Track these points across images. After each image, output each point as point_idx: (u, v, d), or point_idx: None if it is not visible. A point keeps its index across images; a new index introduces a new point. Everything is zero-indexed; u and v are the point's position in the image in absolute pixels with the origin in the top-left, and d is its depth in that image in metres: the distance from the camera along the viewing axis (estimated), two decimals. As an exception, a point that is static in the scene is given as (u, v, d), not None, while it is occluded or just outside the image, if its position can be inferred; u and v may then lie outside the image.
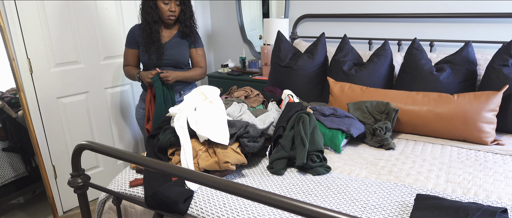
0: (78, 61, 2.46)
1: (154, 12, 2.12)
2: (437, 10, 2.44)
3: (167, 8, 2.13)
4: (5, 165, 2.41)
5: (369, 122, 1.93)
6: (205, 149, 1.52)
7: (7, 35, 2.07)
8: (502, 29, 2.28)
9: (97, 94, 2.61)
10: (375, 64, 2.28)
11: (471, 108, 1.82)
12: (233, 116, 1.67)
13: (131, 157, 1.15)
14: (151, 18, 2.12)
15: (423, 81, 2.09)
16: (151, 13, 2.12)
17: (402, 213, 1.23)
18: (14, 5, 2.11)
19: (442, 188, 1.40)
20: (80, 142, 1.25)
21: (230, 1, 3.37)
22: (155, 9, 2.12)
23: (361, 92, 2.11)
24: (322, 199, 1.33)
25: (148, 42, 2.16)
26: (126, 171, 1.61)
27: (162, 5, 2.12)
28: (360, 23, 2.75)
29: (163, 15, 2.14)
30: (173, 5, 2.13)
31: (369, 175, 1.53)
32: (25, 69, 2.21)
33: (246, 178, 1.51)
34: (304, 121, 1.64)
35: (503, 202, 1.28)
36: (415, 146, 1.83)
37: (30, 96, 2.26)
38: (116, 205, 1.39)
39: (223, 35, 3.53)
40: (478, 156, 1.69)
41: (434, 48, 2.52)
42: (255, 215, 1.22)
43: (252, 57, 3.43)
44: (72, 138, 2.51)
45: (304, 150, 1.52)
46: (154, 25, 2.14)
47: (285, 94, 2.10)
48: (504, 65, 1.95)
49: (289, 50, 2.57)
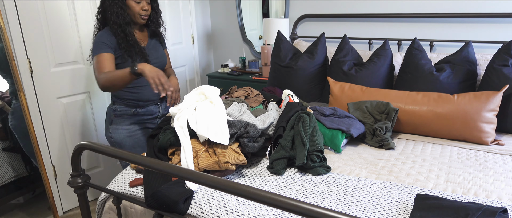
0: (78, 61, 2.46)
1: (125, 13, 1.88)
2: (437, 10, 2.44)
3: (139, 7, 1.90)
4: (5, 165, 2.41)
5: (369, 122, 1.93)
6: (205, 149, 1.52)
7: (7, 35, 2.07)
8: (502, 29, 2.28)
9: (97, 94, 2.61)
10: (375, 64, 2.28)
11: (471, 108, 1.82)
12: (233, 116, 1.68)
13: (131, 157, 1.15)
14: (123, 19, 1.86)
15: (423, 81, 2.09)
16: (122, 14, 1.86)
17: (402, 213, 1.23)
18: (14, 5, 2.11)
19: (442, 188, 1.40)
20: (80, 142, 1.25)
21: (230, 1, 3.37)
22: (125, 9, 1.88)
23: (361, 92, 2.11)
24: (322, 199, 1.33)
25: (126, 46, 1.89)
26: (126, 171, 1.61)
27: (134, 4, 1.88)
28: (360, 23, 2.75)
29: (135, 15, 1.91)
30: (145, 4, 1.91)
31: (369, 175, 1.53)
32: (25, 69, 2.21)
33: (246, 178, 1.51)
34: (304, 121, 1.64)
35: (503, 202, 1.28)
36: (415, 146, 1.83)
37: (30, 96, 2.26)
38: (116, 205, 1.39)
39: (223, 35, 3.53)
40: (478, 156, 1.69)
41: (434, 48, 2.52)
42: (255, 215, 1.22)
43: (252, 57, 3.43)
44: (72, 138, 2.51)
45: (304, 150, 1.52)
46: (127, 27, 1.88)
47: (285, 94, 2.10)
48: (504, 65, 1.95)
49: (289, 50, 2.57)
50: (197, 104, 1.63)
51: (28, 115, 2.18)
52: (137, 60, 1.90)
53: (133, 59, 1.90)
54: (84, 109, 2.56)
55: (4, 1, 2.07)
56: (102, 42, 1.86)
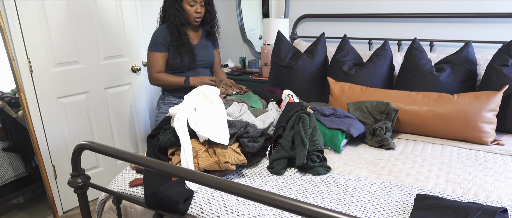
0: (78, 61, 2.46)
1: (181, 14, 2.08)
2: (437, 10, 2.44)
3: (193, 10, 2.10)
4: (5, 165, 2.41)
5: (369, 122, 1.93)
6: (205, 149, 1.52)
7: (7, 35, 2.07)
8: (502, 29, 2.28)
9: (97, 94, 2.61)
10: (375, 64, 2.28)
11: (471, 108, 1.82)
12: (233, 115, 1.67)
13: (131, 157, 1.15)
14: (179, 20, 2.08)
15: (423, 81, 2.09)
16: (178, 15, 2.08)
17: (402, 213, 1.23)
18: (14, 5, 2.11)
19: (442, 188, 1.40)
20: (80, 142, 1.25)
21: (230, 1, 3.37)
22: (181, 11, 2.09)
23: (361, 92, 2.11)
24: (322, 199, 1.33)
25: (178, 44, 2.12)
26: (126, 171, 1.60)
27: (188, 7, 2.09)
28: (360, 23, 2.75)
29: (189, 17, 2.12)
30: (198, 7, 2.10)
31: (369, 175, 1.53)
32: (25, 69, 2.21)
33: (246, 178, 1.51)
34: (304, 121, 1.64)
35: (503, 202, 1.28)
36: (415, 146, 1.83)
37: (30, 96, 2.26)
38: (116, 205, 1.39)
39: (223, 35, 3.53)
40: (478, 156, 1.69)
41: (434, 48, 2.52)
42: (255, 215, 1.22)
43: (252, 57, 3.43)
44: (72, 138, 2.51)
45: (304, 150, 1.52)
46: (182, 27, 2.10)
47: (285, 94, 2.10)
48: (504, 65, 1.95)
49: (289, 50, 2.57)
50: (197, 104, 1.63)
51: (28, 115, 2.18)
52: (185, 58, 2.15)
53: (182, 57, 2.14)
54: (84, 109, 2.56)
55: (4, 1, 2.07)
56: (158, 41, 2.13)
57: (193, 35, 2.22)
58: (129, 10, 2.69)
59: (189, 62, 2.17)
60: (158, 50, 2.14)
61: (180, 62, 2.16)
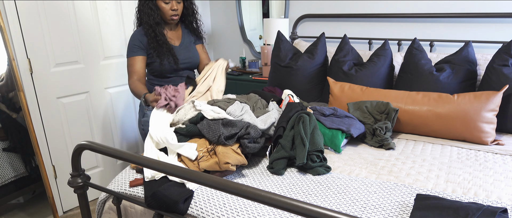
0: (78, 61, 2.46)
1: (155, 13, 1.97)
2: (437, 10, 2.44)
3: (168, 8, 1.98)
4: (5, 165, 2.41)
5: (369, 122, 1.93)
6: (206, 149, 1.52)
7: (7, 35, 2.07)
8: (502, 29, 2.28)
9: (97, 94, 2.61)
10: (375, 64, 2.28)
11: (471, 108, 1.82)
12: (234, 115, 1.67)
13: (131, 157, 1.15)
14: (153, 20, 1.97)
15: (423, 81, 2.09)
16: (152, 14, 1.96)
17: (402, 213, 1.23)
18: (14, 5, 2.11)
19: (442, 188, 1.40)
20: (80, 142, 1.25)
21: (230, 1, 3.37)
22: (155, 10, 1.97)
23: (361, 92, 2.11)
24: (322, 199, 1.33)
25: (156, 46, 1.99)
26: (126, 171, 1.61)
27: (163, 4, 1.98)
28: (360, 23, 2.75)
29: (165, 15, 2.01)
30: (174, 4, 1.99)
31: (369, 175, 1.53)
32: (25, 69, 2.21)
33: (246, 178, 1.51)
34: (304, 121, 1.64)
35: (503, 202, 1.28)
36: (415, 146, 1.83)
37: (30, 96, 2.26)
38: (116, 205, 1.39)
39: (223, 35, 3.53)
40: (478, 156, 1.69)
41: (434, 48, 2.52)
42: (255, 215, 1.22)
43: (252, 57, 3.43)
44: (72, 138, 2.51)
45: (304, 150, 1.52)
46: (157, 27, 1.98)
47: (285, 94, 2.10)
48: (504, 65, 1.95)
49: (289, 50, 2.57)
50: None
51: (28, 115, 2.18)
52: (164, 61, 2.01)
53: (161, 59, 2.01)
54: (84, 109, 2.56)
55: (4, 1, 2.07)
56: (134, 44, 2.00)
57: (173, 36, 2.10)
58: (129, 10, 2.69)
59: (169, 65, 2.05)
60: (133, 55, 2.00)
61: (159, 65, 2.03)
